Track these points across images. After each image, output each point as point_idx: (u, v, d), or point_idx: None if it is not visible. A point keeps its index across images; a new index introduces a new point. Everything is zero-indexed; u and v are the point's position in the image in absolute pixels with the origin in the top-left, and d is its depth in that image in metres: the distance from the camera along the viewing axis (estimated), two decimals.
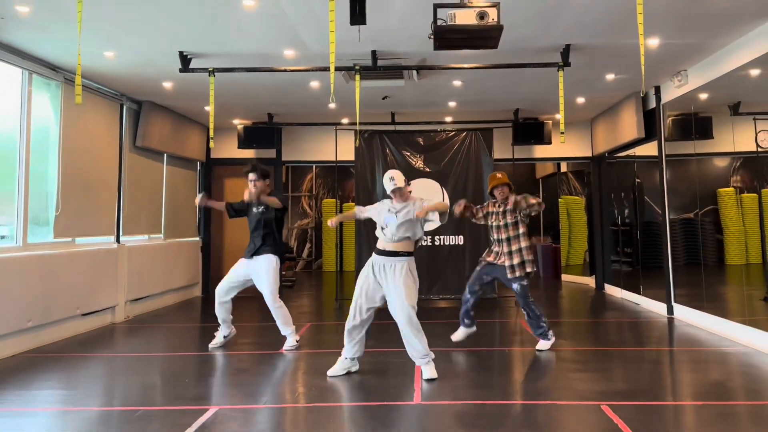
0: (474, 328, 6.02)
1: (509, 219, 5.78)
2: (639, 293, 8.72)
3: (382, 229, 4.99)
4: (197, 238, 10.36)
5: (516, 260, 5.69)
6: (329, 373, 4.89)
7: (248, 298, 9.82)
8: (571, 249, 12.57)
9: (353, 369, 4.96)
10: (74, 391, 4.62)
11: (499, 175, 5.93)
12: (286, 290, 10.40)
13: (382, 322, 5.42)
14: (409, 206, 4.94)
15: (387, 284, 4.85)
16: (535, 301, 5.85)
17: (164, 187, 9.32)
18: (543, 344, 5.77)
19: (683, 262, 7.72)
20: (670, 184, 7.85)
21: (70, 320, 6.72)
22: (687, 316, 7.26)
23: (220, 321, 6.08)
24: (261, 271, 5.91)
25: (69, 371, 5.19)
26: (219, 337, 6.10)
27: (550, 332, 5.80)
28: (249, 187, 5.89)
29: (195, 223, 10.38)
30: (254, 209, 6.06)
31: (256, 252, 5.96)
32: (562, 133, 6.12)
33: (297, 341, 6.01)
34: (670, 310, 7.64)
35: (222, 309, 6.03)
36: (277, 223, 6.04)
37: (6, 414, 4.05)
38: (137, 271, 8.16)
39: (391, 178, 4.97)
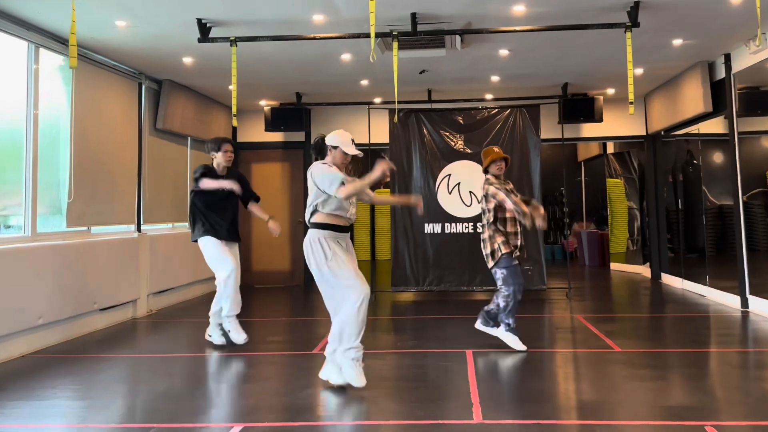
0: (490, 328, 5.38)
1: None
2: (705, 284, 7.92)
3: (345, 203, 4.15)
4: None
5: (488, 249, 5.26)
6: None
7: (277, 290, 9.30)
8: (612, 236, 11.77)
9: None
10: (88, 401, 4.06)
11: (496, 149, 5.38)
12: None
13: (417, 317, 4.77)
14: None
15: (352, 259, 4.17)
16: (513, 297, 5.13)
17: (189, 173, 8.77)
18: (487, 328, 5.30)
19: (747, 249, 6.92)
20: (727, 165, 7.06)
21: (86, 316, 6.22)
22: (765, 309, 6.47)
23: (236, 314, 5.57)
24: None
25: (83, 375, 4.66)
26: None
27: (508, 332, 5.15)
28: (221, 159, 5.47)
29: None
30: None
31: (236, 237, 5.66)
32: (631, 103, 5.38)
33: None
34: (745, 303, 6.83)
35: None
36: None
37: (5, 431, 3.52)
38: (161, 261, 7.64)
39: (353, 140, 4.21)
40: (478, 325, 5.38)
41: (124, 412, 3.81)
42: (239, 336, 5.47)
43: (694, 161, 8.35)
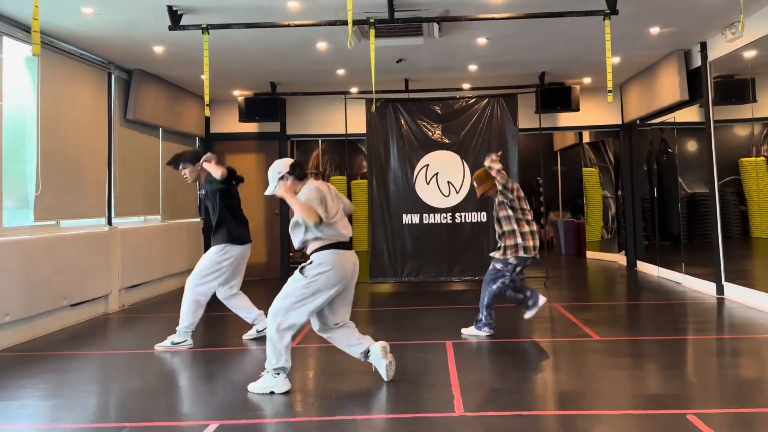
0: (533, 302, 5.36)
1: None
2: (680, 271, 7.98)
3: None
4: (198, 219, 9.64)
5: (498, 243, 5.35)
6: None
7: (253, 283, 9.14)
8: (588, 225, 11.84)
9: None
10: (59, 400, 3.93)
11: (476, 184, 5.35)
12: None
13: (396, 308, 4.71)
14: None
15: None
16: (497, 294, 5.25)
17: (161, 165, 8.58)
18: (469, 330, 5.32)
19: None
20: (703, 153, 7.12)
21: (57, 312, 6.04)
22: (740, 295, 6.53)
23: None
24: None
25: (53, 374, 4.51)
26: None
27: (485, 327, 5.26)
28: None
29: (195, 203, 9.65)
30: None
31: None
32: (610, 91, 5.34)
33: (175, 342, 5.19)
34: (720, 290, 6.90)
35: None
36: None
37: None
38: (132, 255, 7.46)
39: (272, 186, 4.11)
40: (466, 331, 5.38)
41: (96, 411, 3.69)
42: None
43: (669, 150, 8.40)
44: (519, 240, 5.12)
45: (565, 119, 9.55)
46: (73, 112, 6.54)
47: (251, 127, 9.63)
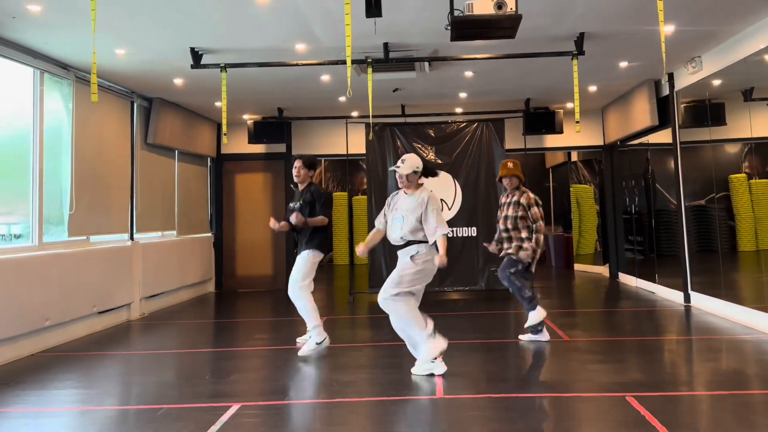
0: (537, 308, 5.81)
1: (512, 212, 5.83)
2: (654, 282, 8.68)
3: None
4: (209, 234, 10.37)
5: (515, 244, 5.81)
6: (413, 371, 4.75)
7: (260, 294, 9.86)
8: (582, 238, 12.52)
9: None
10: (93, 390, 4.63)
11: (510, 165, 5.94)
12: None
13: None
14: (415, 201, 4.73)
15: None
16: (518, 276, 5.77)
17: (176, 184, 9.33)
18: (532, 317, 5.71)
19: (696, 249, 7.66)
20: (683, 171, 7.79)
21: (87, 318, 6.75)
22: (704, 304, 7.22)
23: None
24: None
25: (87, 370, 5.21)
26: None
27: (541, 327, 5.75)
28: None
29: (207, 218, 10.39)
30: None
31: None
32: (578, 122, 6.07)
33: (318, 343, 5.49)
34: (687, 299, 7.59)
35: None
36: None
37: (26, 415, 4.07)
38: (152, 268, 8.18)
39: (402, 160, 4.75)
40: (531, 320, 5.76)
41: (130, 398, 4.38)
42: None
43: (650, 168, 9.11)
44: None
45: (552, 140, 10.29)
46: (100, 138, 7.28)
47: (259, 148, 10.38)
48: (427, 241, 4.69)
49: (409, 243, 4.69)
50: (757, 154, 6.79)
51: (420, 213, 4.65)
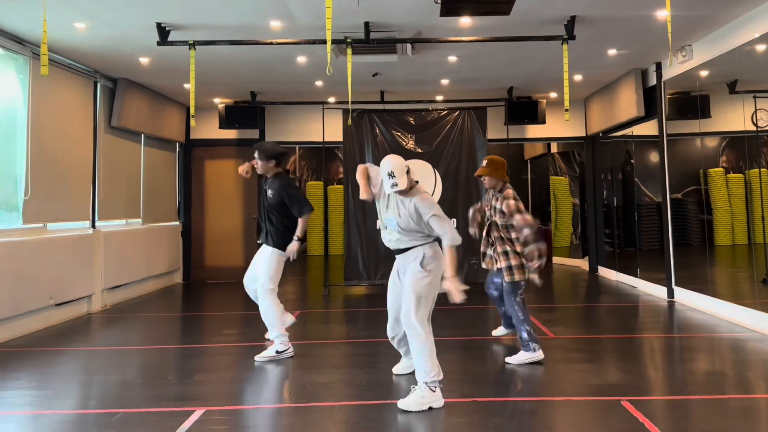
0: (511, 330, 5.38)
1: (500, 219, 4.91)
2: (636, 276, 8.50)
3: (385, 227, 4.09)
4: (177, 223, 9.94)
5: (513, 261, 4.82)
6: (394, 371, 4.46)
7: (230, 285, 9.45)
8: (557, 231, 12.36)
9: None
10: (48, 390, 4.24)
11: (484, 163, 5.06)
12: None
13: (369, 309, 5.08)
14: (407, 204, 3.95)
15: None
16: (522, 306, 4.88)
17: (142, 170, 8.87)
18: (519, 356, 4.76)
19: (675, 243, 7.50)
20: (655, 165, 7.63)
21: (43, 311, 6.31)
22: (688, 299, 7.05)
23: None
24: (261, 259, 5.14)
25: (42, 367, 4.81)
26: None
27: (534, 345, 4.74)
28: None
29: (175, 206, 9.95)
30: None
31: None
32: (566, 110, 5.81)
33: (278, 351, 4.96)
34: (671, 294, 7.41)
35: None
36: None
37: None
38: (115, 257, 7.74)
39: (390, 174, 3.83)
40: (515, 358, 4.82)
41: (85, 400, 4.00)
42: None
43: (631, 161, 8.92)
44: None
45: (533, 131, 10.05)
46: (60, 119, 6.81)
47: (231, 134, 9.96)
48: (427, 242, 4.03)
49: (409, 248, 4.03)
50: (732, 149, 6.65)
51: (417, 216, 3.92)
